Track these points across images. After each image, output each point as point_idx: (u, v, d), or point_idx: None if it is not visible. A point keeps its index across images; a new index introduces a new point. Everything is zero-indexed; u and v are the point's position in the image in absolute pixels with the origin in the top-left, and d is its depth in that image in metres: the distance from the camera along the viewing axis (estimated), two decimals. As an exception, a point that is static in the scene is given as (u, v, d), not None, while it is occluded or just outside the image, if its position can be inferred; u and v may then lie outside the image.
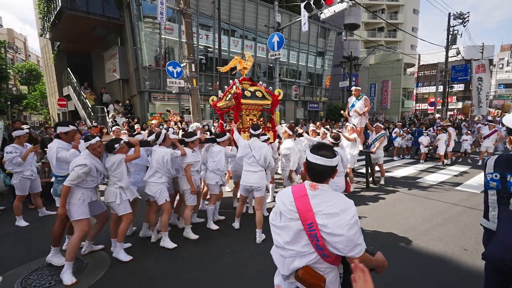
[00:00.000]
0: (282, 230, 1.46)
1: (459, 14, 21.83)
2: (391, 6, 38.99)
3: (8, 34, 36.48)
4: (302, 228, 1.38)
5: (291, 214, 1.42)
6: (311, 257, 1.39)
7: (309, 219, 1.37)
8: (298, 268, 1.40)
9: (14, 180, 4.47)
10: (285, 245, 1.42)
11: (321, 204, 1.39)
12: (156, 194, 3.60)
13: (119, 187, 3.27)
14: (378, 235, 3.99)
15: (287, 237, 1.42)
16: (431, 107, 30.15)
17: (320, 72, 21.82)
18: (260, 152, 3.85)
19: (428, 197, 5.78)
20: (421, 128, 11.90)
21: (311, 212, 1.38)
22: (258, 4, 16.52)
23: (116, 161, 3.22)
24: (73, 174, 2.91)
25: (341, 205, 1.38)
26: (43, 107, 33.00)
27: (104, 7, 12.83)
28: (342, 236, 1.31)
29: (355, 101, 6.67)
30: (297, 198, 1.44)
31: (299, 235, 1.40)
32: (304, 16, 8.85)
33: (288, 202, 1.46)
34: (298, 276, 1.40)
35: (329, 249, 1.35)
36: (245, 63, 5.32)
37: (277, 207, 1.53)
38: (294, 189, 1.51)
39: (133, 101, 14.21)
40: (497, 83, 49.23)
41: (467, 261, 3.25)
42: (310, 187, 1.46)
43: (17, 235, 4.18)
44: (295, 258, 1.40)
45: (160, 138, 3.68)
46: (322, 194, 1.43)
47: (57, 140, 3.41)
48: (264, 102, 5.09)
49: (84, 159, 3.02)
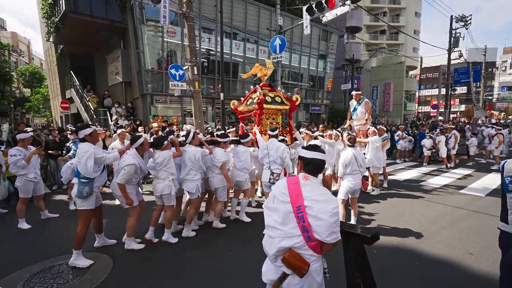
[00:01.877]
0: (274, 212, 1.68)
1: (461, 17, 21.79)
2: (392, 9, 39.05)
3: (12, 38, 36.83)
4: (291, 210, 1.60)
5: (283, 197, 1.66)
6: (297, 240, 1.58)
7: (298, 202, 1.60)
8: (285, 251, 1.58)
9: (18, 182, 4.48)
10: (276, 225, 1.63)
11: (310, 191, 1.63)
12: (192, 190, 3.97)
13: (172, 180, 3.73)
14: (382, 238, 3.95)
15: (278, 218, 1.64)
16: (433, 110, 30.04)
17: (322, 75, 21.83)
18: (277, 153, 4.05)
19: (432, 200, 5.74)
20: (422, 131, 11.82)
21: (301, 196, 1.61)
22: (260, 7, 16.59)
23: (166, 157, 3.68)
24: (124, 172, 3.35)
25: (326, 196, 1.62)
26: (46, 109, 33.20)
27: (107, 11, 12.94)
28: (323, 221, 1.53)
29: (356, 105, 6.68)
30: (290, 184, 1.69)
31: (288, 217, 1.61)
32: (306, 19, 8.87)
33: (282, 187, 1.71)
34: (285, 258, 1.57)
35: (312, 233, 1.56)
36: (266, 70, 5.62)
37: (272, 192, 1.77)
38: (288, 178, 1.77)
39: (135, 103, 14.26)
40: (500, 85, 49.01)
41: (472, 265, 3.21)
42: (302, 178, 1.71)
43: (20, 238, 4.18)
44: (283, 238, 1.60)
45: (189, 137, 4.05)
46: (311, 185, 1.68)
47: (86, 143, 3.31)
48: (283, 107, 5.42)
49: (132, 158, 3.43)
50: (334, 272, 2.07)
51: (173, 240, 3.86)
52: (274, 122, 5.51)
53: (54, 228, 4.58)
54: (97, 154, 3.28)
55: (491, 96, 45.48)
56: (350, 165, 4.07)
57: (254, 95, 5.50)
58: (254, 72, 5.73)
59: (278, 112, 5.55)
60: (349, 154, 4.10)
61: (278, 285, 1.65)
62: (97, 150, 3.32)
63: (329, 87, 22.56)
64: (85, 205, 3.30)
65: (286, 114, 5.78)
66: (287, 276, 1.62)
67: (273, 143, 4.19)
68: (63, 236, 4.22)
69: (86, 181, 3.25)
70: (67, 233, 4.31)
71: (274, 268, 1.68)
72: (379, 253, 3.53)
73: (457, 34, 21.93)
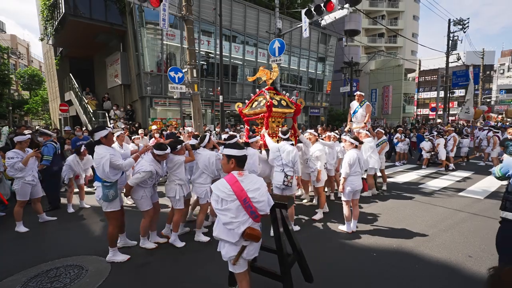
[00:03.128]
0: (227, 211, 2.06)
1: (459, 20, 21.96)
2: (391, 12, 39.32)
3: (11, 40, 36.89)
4: (240, 204, 2.05)
5: (230, 197, 2.05)
6: (248, 222, 2.09)
7: (243, 196, 2.05)
8: (245, 230, 2.05)
9: (15, 185, 4.45)
10: (232, 220, 2.04)
11: (248, 184, 2.10)
12: (201, 195, 3.95)
13: (178, 184, 3.74)
14: (381, 241, 3.94)
15: (232, 214, 2.05)
16: (432, 112, 30.14)
17: (321, 78, 21.90)
18: (289, 156, 4.02)
19: (431, 203, 5.73)
20: (420, 133, 11.83)
21: (243, 191, 2.06)
22: (259, 10, 16.67)
23: (178, 162, 3.72)
24: (138, 177, 3.37)
25: (258, 183, 2.15)
26: (44, 112, 33.15)
27: (107, 14, 12.97)
28: (264, 201, 2.12)
29: (358, 107, 6.66)
30: (232, 184, 2.07)
31: (238, 210, 2.06)
32: (305, 23, 8.90)
33: (226, 190, 2.06)
34: (247, 234, 2.04)
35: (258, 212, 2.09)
36: (271, 73, 5.67)
37: (216, 195, 2.09)
38: (226, 179, 2.11)
39: (135, 106, 14.26)
40: (498, 88, 49.28)
41: (472, 268, 3.20)
42: (238, 175, 2.12)
43: (17, 241, 4.15)
44: (240, 226, 2.05)
45: (205, 141, 4.06)
46: (247, 178, 2.14)
47: (102, 146, 3.26)
48: (288, 111, 5.44)
49: (149, 165, 3.45)
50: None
51: (179, 244, 3.79)
52: (280, 125, 5.50)
53: (51, 231, 4.54)
54: (113, 160, 3.22)
55: (489, 98, 45.74)
56: (353, 165, 4.08)
57: (260, 98, 5.49)
58: (260, 75, 5.74)
59: (283, 115, 5.56)
60: (354, 155, 4.11)
61: (239, 257, 2.12)
62: (113, 156, 3.25)
63: (328, 89, 22.63)
64: (112, 207, 3.33)
65: (291, 117, 5.80)
66: (245, 248, 2.13)
67: (285, 146, 4.11)
68: (61, 239, 4.19)
69: (109, 184, 3.25)
70: (64, 237, 4.29)
71: (234, 247, 2.12)
72: (379, 256, 3.51)
73: (455, 37, 22.08)
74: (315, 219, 4.79)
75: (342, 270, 3.20)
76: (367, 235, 4.12)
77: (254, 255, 2.22)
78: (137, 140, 7.18)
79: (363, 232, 4.23)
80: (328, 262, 3.36)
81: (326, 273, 3.12)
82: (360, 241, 3.94)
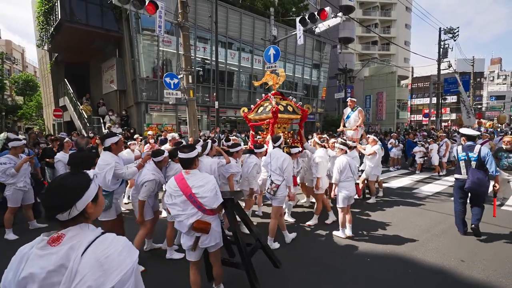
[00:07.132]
0: (175, 205, 2.31)
1: (449, 29, 22.51)
2: (384, 21, 40.19)
3: (6, 45, 36.70)
4: (186, 199, 2.27)
5: (177, 193, 2.30)
6: (197, 215, 2.29)
7: (188, 191, 2.27)
8: (193, 223, 2.25)
9: (7, 191, 4.37)
10: (179, 212, 2.28)
11: (193, 181, 2.31)
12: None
13: None
14: (375, 246, 3.95)
15: (179, 207, 2.29)
16: (425, 118, 30.58)
17: (316, 84, 22.15)
18: (277, 163, 3.80)
19: (425, 208, 5.79)
20: (410, 139, 11.83)
21: (189, 187, 2.28)
22: (255, 18, 16.90)
23: (179, 169, 3.56)
24: (146, 189, 3.28)
25: (205, 180, 2.33)
26: (39, 117, 32.81)
27: (103, 20, 13.02)
28: (208, 197, 2.30)
29: (350, 112, 6.75)
30: (178, 181, 2.32)
31: (185, 203, 2.28)
32: (300, 30, 9.05)
33: (173, 186, 2.33)
34: (194, 227, 2.27)
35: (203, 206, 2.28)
36: (278, 78, 5.56)
37: (168, 191, 2.37)
38: (175, 177, 2.38)
39: (130, 111, 14.22)
40: (489, 95, 50.34)
41: (464, 273, 3.23)
42: (185, 173, 2.37)
43: (6, 249, 4.06)
44: (188, 218, 2.27)
45: (207, 148, 3.95)
46: (193, 176, 2.35)
47: (109, 153, 3.24)
48: (295, 116, 5.30)
49: (152, 174, 3.36)
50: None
51: (177, 256, 3.62)
52: (285, 132, 5.35)
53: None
54: (117, 169, 3.18)
55: (480, 105, 46.62)
56: (344, 171, 4.09)
57: (265, 103, 5.33)
58: (266, 80, 5.62)
59: (289, 121, 5.41)
60: (343, 160, 4.12)
61: (196, 246, 2.36)
62: (118, 164, 3.23)
63: (323, 96, 22.88)
64: (106, 216, 3.24)
65: (298, 124, 5.64)
66: (199, 238, 2.35)
67: (275, 153, 3.92)
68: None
69: (105, 194, 3.15)
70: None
71: (189, 238, 2.37)
72: (372, 261, 3.53)
73: (446, 45, 22.60)
74: (310, 224, 4.80)
75: (335, 275, 3.20)
76: (361, 241, 4.14)
77: (208, 244, 2.42)
78: (133, 146, 7.12)
79: (357, 237, 4.25)
80: (322, 267, 3.36)
81: (319, 278, 3.12)
82: (354, 246, 3.95)
